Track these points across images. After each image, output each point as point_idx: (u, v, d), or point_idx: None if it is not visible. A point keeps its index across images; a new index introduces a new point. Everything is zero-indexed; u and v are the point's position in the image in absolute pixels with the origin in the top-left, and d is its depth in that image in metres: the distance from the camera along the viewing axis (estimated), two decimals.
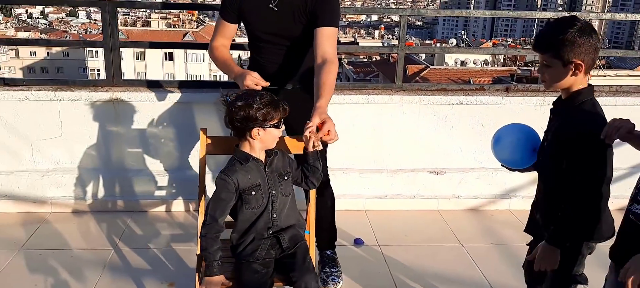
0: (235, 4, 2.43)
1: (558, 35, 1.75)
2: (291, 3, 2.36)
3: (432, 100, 3.49)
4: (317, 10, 2.34)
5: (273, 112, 1.95)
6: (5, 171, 3.34)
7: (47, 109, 3.28)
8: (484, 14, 4.01)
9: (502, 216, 3.56)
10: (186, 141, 3.41)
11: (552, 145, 1.86)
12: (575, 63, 1.75)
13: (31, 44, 5.22)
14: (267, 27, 2.42)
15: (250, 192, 1.99)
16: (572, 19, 1.79)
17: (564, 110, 1.85)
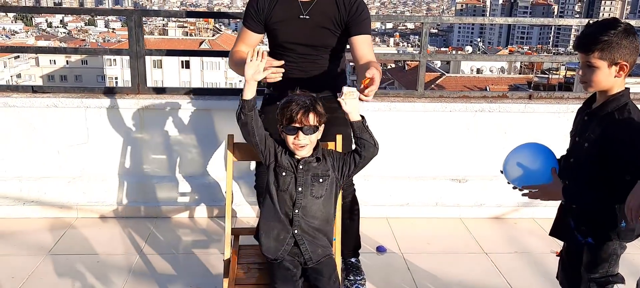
0: (261, 14, 2.40)
1: (604, 36, 1.77)
2: (323, 13, 2.37)
3: (454, 108, 3.48)
4: (352, 20, 2.37)
5: (287, 114, 1.96)
6: (33, 177, 3.41)
7: (74, 115, 3.34)
8: (506, 21, 4.00)
9: (526, 224, 3.53)
10: (209, 148, 3.45)
11: (599, 147, 1.84)
12: (621, 64, 1.78)
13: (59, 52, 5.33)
14: (296, 38, 2.42)
15: (282, 172, 2.02)
16: (615, 20, 1.82)
17: (608, 115, 1.84)
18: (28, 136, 3.35)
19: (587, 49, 1.81)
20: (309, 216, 2.04)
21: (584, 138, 1.92)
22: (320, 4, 2.38)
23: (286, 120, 1.97)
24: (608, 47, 1.77)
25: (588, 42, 1.81)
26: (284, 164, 2.03)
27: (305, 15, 2.37)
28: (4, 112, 3.31)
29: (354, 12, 2.38)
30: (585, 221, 1.94)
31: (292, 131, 1.97)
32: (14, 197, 3.40)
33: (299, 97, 1.99)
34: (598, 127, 1.87)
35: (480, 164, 3.57)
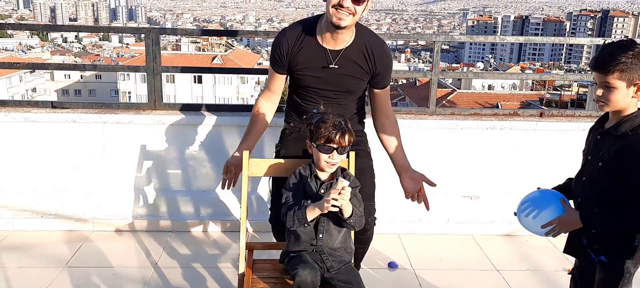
0: (285, 58, 2.39)
1: (623, 57, 1.79)
2: (352, 62, 2.37)
3: (465, 125, 3.51)
4: (380, 73, 2.42)
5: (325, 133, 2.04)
6: (51, 190, 3.48)
7: (92, 130, 3.42)
8: (517, 40, 4.02)
9: (538, 242, 3.53)
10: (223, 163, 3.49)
11: (614, 167, 1.86)
12: (639, 85, 1.81)
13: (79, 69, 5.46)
14: (322, 84, 2.41)
15: (308, 200, 2.09)
16: (632, 42, 1.85)
17: (623, 135, 1.87)
18: (47, 150, 3.42)
19: (606, 69, 1.82)
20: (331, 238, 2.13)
21: (597, 157, 1.94)
22: (348, 53, 2.36)
23: (323, 138, 2.04)
24: (627, 68, 1.79)
25: (607, 63, 1.82)
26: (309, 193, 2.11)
27: (334, 64, 2.35)
28: (24, 127, 3.39)
29: (381, 66, 2.40)
30: (598, 239, 1.96)
31: (329, 150, 2.06)
32: (32, 210, 3.47)
33: (334, 118, 2.08)
34: (612, 147, 1.88)
35: (492, 181, 3.58)
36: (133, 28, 3.70)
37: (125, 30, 3.79)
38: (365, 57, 2.37)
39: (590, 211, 1.92)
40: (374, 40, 2.40)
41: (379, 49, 2.39)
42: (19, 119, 3.37)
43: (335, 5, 2.20)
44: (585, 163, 2.03)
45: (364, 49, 2.36)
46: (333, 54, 2.34)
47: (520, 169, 3.53)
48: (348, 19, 2.22)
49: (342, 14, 2.20)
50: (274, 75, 2.48)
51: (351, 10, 2.20)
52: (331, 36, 2.31)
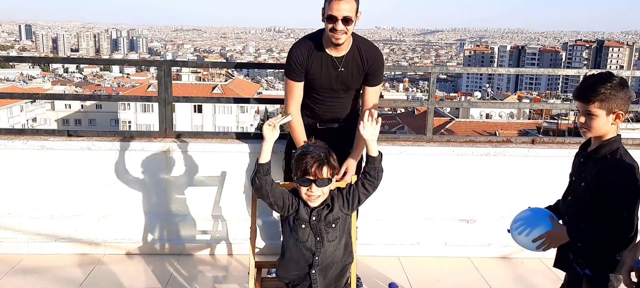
0: (302, 66, 2.87)
1: (602, 88, 2.00)
2: (354, 64, 2.89)
3: (461, 152, 3.68)
4: (371, 72, 2.92)
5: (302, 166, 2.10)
6: (65, 215, 3.63)
7: (105, 157, 3.58)
8: (508, 71, 4.23)
9: (532, 264, 3.67)
10: (231, 188, 3.65)
11: (594, 187, 2.04)
12: (617, 113, 2.01)
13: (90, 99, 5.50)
14: (330, 84, 2.92)
15: (301, 225, 2.18)
16: (610, 74, 2.07)
17: (602, 158, 2.06)
18: (62, 176, 3.59)
19: (588, 99, 2.03)
20: (326, 259, 2.23)
21: (580, 178, 2.14)
22: (348, 58, 2.88)
23: (301, 172, 2.11)
24: (606, 98, 2.00)
25: (588, 93, 2.03)
26: (303, 217, 2.17)
27: (341, 68, 2.87)
28: (41, 154, 3.56)
29: (373, 65, 2.91)
30: (583, 254, 2.12)
31: (306, 183, 2.11)
32: (46, 234, 3.61)
33: (315, 149, 2.13)
34: (593, 168, 2.07)
35: (487, 205, 3.74)
36: (146, 60, 3.90)
37: (137, 63, 3.99)
38: (360, 59, 2.88)
39: (575, 226, 2.09)
40: (367, 46, 2.93)
41: (371, 53, 2.91)
42: (36, 146, 3.55)
43: (331, 30, 2.73)
44: (570, 184, 2.22)
45: (359, 53, 2.88)
46: (338, 60, 2.87)
47: (514, 194, 3.68)
48: (343, 37, 2.76)
49: (338, 35, 2.73)
50: (295, 86, 2.90)
51: (344, 30, 2.72)
52: (334, 47, 2.83)
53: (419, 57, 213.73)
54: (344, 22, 2.69)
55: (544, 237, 2.14)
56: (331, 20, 2.70)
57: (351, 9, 2.70)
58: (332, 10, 2.68)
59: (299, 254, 2.21)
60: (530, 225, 2.19)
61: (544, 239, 2.14)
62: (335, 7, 2.67)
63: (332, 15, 2.69)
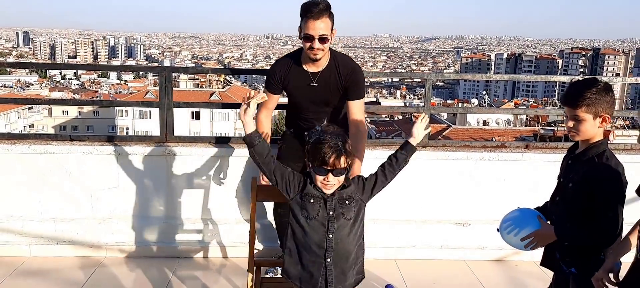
0: (279, 82, 3.03)
1: (588, 93, 2.08)
2: (328, 81, 2.99)
3: (456, 156, 3.76)
4: (349, 86, 3.00)
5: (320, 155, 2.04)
6: (67, 218, 3.68)
7: (107, 161, 3.65)
8: (502, 78, 4.32)
9: (526, 267, 3.74)
10: (230, 192, 3.72)
11: (581, 187, 2.12)
12: (603, 116, 2.09)
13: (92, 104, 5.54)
14: (308, 98, 3.05)
15: (310, 199, 2.12)
16: (595, 79, 2.15)
17: (589, 160, 2.14)
18: (64, 180, 3.65)
19: (575, 104, 2.11)
20: (342, 240, 2.14)
21: (568, 179, 2.22)
22: (324, 73, 2.98)
23: (318, 161, 2.03)
24: (593, 103, 2.08)
25: (575, 98, 2.12)
26: (311, 192, 2.12)
27: (314, 83, 2.99)
28: (44, 158, 3.62)
29: (351, 79, 2.99)
30: (569, 253, 2.19)
31: (323, 172, 2.05)
32: (49, 237, 3.66)
33: (331, 138, 2.05)
34: (581, 170, 2.15)
35: (482, 209, 3.81)
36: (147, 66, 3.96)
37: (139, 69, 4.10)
38: (336, 74, 2.99)
39: (563, 226, 2.16)
40: (343, 61, 3.03)
41: (346, 68, 3.00)
42: (39, 150, 3.61)
43: (309, 48, 2.85)
44: (558, 185, 2.29)
45: (335, 69, 2.98)
46: (313, 75, 2.98)
47: (508, 197, 3.74)
48: (320, 53, 2.88)
49: (315, 52, 2.86)
50: (269, 96, 3.03)
51: (321, 47, 2.85)
52: (312, 63, 2.95)
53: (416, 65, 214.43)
54: (321, 41, 2.82)
55: (531, 236, 2.21)
56: (308, 39, 2.83)
57: (327, 27, 2.83)
58: (308, 29, 2.81)
59: (312, 233, 2.12)
60: (519, 225, 2.26)
61: (531, 238, 2.21)
62: (312, 26, 2.80)
63: (308, 35, 2.82)
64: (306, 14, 2.82)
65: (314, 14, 2.79)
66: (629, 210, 2.18)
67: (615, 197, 2.06)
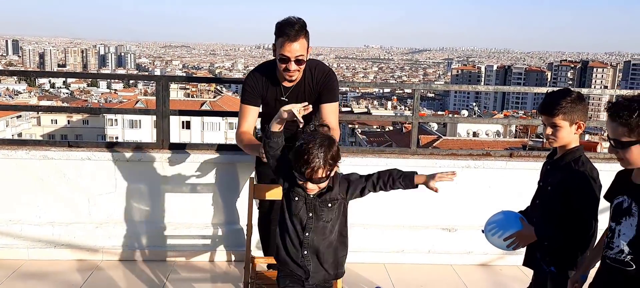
0: (258, 92, 3.01)
1: (563, 102, 2.25)
2: (297, 93, 2.97)
3: (443, 164, 3.90)
4: (322, 90, 2.99)
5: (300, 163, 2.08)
6: (64, 222, 3.77)
7: (105, 167, 3.74)
8: (487, 89, 4.47)
9: (510, 271, 3.87)
10: (226, 196, 3.83)
11: (559, 191, 2.27)
12: (579, 123, 2.24)
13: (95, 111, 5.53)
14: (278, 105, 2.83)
15: (294, 197, 2.22)
16: (569, 89, 2.33)
17: (566, 165, 2.29)
18: (62, 185, 3.74)
19: (552, 112, 2.27)
20: (319, 238, 2.23)
21: (547, 183, 2.38)
22: (296, 87, 2.98)
23: (298, 167, 2.08)
24: (569, 111, 2.24)
25: (552, 107, 2.28)
26: (297, 190, 2.21)
27: (285, 98, 2.97)
28: (42, 163, 3.71)
29: (324, 83, 2.98)
30: (549, 252, 2.33)
31: (302, 179, 2.11)
32: (46, 241, 3.75)
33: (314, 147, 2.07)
34: (558, 175, 2.31)
35: (468, 215, 3.94)
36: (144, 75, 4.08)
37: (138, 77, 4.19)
38: (310, 81, 2.97)
39: (543, 227, 2.30)
40: (317, 67, 3.02)
41: (320, 73, 3.00)
42: (38, 156, 3.70)
43: (284, 69, 2.83)
44: (538, 189, 2.45)
45: (310, 76, 2.98)
46: (285, 90, 2.98)
47: (493, 204, 3.83)
48: (296, 74, 2.88)
49: (291, 74, 2.85)
50: (249, 110, 3.00)
51: (297, 69, 2.84)
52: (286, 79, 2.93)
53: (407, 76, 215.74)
54: (297, 63, 2.81)
55: (514, 237, 2.35)
56: (283, 61, 2.80)
57: (302, 48, 2.80)
58: (284, 51, 2.77)
59: (291, 229, 2.24)
60: (502, 226, 2.41)
61: (514, 239, 2.35)
62: (288, 48, 2.75)
63: (284, 56, 2.78)
64: (281, 35, 2.78)
65: (290, 37, 2.75)
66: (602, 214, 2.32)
67: (590, 200, 2.21)
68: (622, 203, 1.96)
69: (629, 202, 1.93)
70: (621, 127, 1.85)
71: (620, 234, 1.94)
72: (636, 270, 1.89)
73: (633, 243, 1.90)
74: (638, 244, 1.89)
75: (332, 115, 2.95)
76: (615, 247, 1.96)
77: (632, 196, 1.92)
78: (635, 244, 1.89)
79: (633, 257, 1.90)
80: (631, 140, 1.84)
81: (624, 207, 1.94)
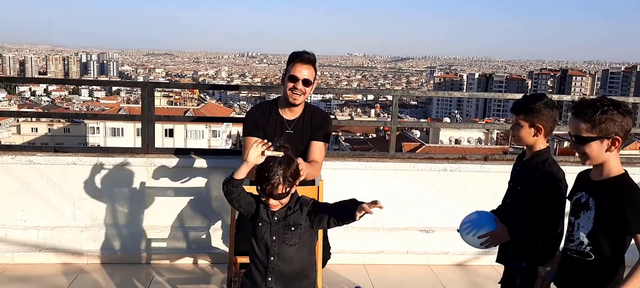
0: (260, 124, 3.14)
1: (530, 104, 2.40)
2: (305, 127, 3.17)
3: (421, 167, 4.04)
4: (316, 129, 3.18)
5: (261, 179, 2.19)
6: (49, 226, 3.82)
7: (90, 172, 3.81)
8: (462, 95, 4.63)
9: (485, 270, 4.02)
10: (210, 200, 3.92)
11: (528, 191, 2.42)
12: (538, 126, 2.38)
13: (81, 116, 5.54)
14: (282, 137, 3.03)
15: (258, 223, 2.28)
16: (542, 94, 2.47)
17: (534, 166, 2.43)
18: (48, 190, 3.80)
19: (517, 111, 2.44)
20: (284, 263, 2.26)
21: (517, 183, 2.52)
22: (300, 120, 3.16)
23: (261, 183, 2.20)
24: (530, 112, 2.39)
25: (518, 106, 2.44)
26: (261, 216, 2.28)
27: (290, 129, 3.15)
28: (28, 168, 3.77)
29: (318, 123, 3.18)
30: (521, 249, 2.48)
31: (263, 195, 2.22)
32: (32, 244, 3.80)
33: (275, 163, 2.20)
34: (527, 175, 2.46)
35: (445, 216, 4.08)
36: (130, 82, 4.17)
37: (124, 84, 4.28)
38: (310, 121, 3.18)
39: (514, 226, 2.44)
40: (317, 110, 3.25)
41: (319, 115, 3.21)
42: (24, 161, 3.76)
43: (291, 88, 3.03)
44: (508, 189, 2.59)
45: (310, 116, 3.18)
46: (289, 123, 3.16)
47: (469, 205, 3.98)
48: (300, 98, 3.07)
49: (296, 95, 3.04)
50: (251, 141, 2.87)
51: (302, 90, 3.04)
52: (289, 109, 3.13)
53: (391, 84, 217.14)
54: (304, 84, 3.04)
55: (487, 236, 2.49)
56: (292, 80, 3.03)
57: (311, 74, 3.06)
58: (295, 71, 3.03)
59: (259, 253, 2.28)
60: (476, 226, 2.54)
61: (487, 237, 2.49)
62: (298, 69, 3.03)
63: (294, 76, 3.03)
64: (294, 59, 3.06)
65: (303, 59, 3.04)
66: None
67: (557, 199, 2.36)
68: (580, 199, 2.11)
69: (586, 197, 2.08)
70: (584, 123, 2.00)
71: (580, 227, 2.10)
72: (595, 260, 2.04)
73: (592, 234, 2.05)
74: (596, 235, 2.04)
75: (319, 152, 3.16)
76: (576, 239, 2.11)
77: (590, 191, 2.07)
78: (594, 235, 2.04)
79: (592, 247, 2.05)
80: (592, 135, 1.98)
81: (582, 202, 2.10)
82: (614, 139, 1.98)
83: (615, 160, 2.03)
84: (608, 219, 1.99)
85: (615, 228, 1.97)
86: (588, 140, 2.00)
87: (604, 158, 2.01)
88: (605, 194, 2.01)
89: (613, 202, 1.97)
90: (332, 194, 3.87)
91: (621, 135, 1.99)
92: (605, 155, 2.01)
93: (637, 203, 1.93)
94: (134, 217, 3.90)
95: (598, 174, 2.07)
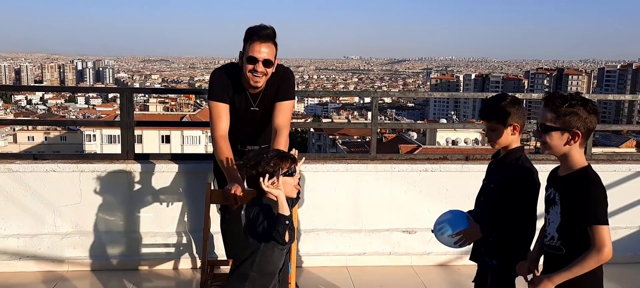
0: (226, 89, 2.95)
1: (499, 106, 2.41)
2: (264, 101, 2.99)
3: (402, 168, 4.04)
4: (279, 88, 2.96)
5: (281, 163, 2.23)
6: (29, 234, 3.81)
7: (70, 179, 3.80)
8: (443, 95, 4.64)
9: (467, 270, 3.97)
10: (190, 205, 3.91)
11: (501, 188, 2.44)
12: (514, 125, 2.40)
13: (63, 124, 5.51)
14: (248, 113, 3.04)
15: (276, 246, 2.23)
16: (505, 94, 2.50)
17: (507, 164, 2.45)
18: (27, 197, 3.78)
19: (489, 117, 2.44)
20: None
21: (490, 181, 2.53)
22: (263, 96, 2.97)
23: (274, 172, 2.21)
24: (503, 114, 2.39)
25: (488, 112, 2.44)
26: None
27: (255, 107, 2.99)
28: (7, 176, 3.75)
29: (281, 80, 2.96)
30: (492, 247, 2.48)
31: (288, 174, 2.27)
32: (11, 253, 3.78)
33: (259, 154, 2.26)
34: (500, 174, 2.46)
35: (427, 217, 4.04)
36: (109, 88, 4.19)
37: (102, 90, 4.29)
38: (272, 84, 2.94)
39: (486, 223, 2.45)
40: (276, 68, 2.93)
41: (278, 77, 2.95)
42: (2, 169, 3.75)
43: (251, 71, 2.80)
44: (482, 187, 2.60)
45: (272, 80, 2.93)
46: (254, 98, 2.96)
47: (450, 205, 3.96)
48: (262, 80, 2.84)
49: (257, 77, 2.81)
50: (221, 108, 2.93)
51: (264, 71, 2.80)
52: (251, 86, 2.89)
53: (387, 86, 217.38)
54: (265, 64, 2.79)
55: (461, 234, 2.50)
56: (251, 61, 2.77)
57: (271, 52, 2.81)
58: (253, 51, 2.76)
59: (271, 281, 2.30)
60: (450, 225, 2.55)
61: (461, 236, 2.50)
62: (257, 48, 2.76)
63: (253, 57, 2.77)
64: (251, 37, 2.77)
65: (261, 37, 2.75)
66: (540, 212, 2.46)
67: (529, 196, 2.37)
68: (549, 195, 2.14)
69: (554, 193, 2.10)
70: (550, 113, 2.03)
71: (550, 222, 2.12)
72: (566, 253, 2.04)
73: (560, 229, 2.07)
74: (564, 230, 2.05)
75: (286, 113, 2.95)
76: (548, 235, 2.13)
77: (556, 187, 2.09)
78: (562, 230, 2.06)
79: (562, 241, 2.06)
80: (554, 125, 2.00)
81: (551, 198, 2.12)
82: (574, 132, 2.00)
83: (578, 154, 2.04)
84: (572, 212, 2.01)
85: (579, 220, 1.98)
86: (550, 129, 2.03)
87: (563, 151, 2.04)
88: (568, 188, 2.03)
89: (573, 194, 2.00)
90: (314, 196, 3.91)
91: (582, 130, 2.00)
92: (565, 148, 2.03)
93: (590, 195, 1.96)
94: (114, 223, 3.88)
95: (564, 169, 2.09)
